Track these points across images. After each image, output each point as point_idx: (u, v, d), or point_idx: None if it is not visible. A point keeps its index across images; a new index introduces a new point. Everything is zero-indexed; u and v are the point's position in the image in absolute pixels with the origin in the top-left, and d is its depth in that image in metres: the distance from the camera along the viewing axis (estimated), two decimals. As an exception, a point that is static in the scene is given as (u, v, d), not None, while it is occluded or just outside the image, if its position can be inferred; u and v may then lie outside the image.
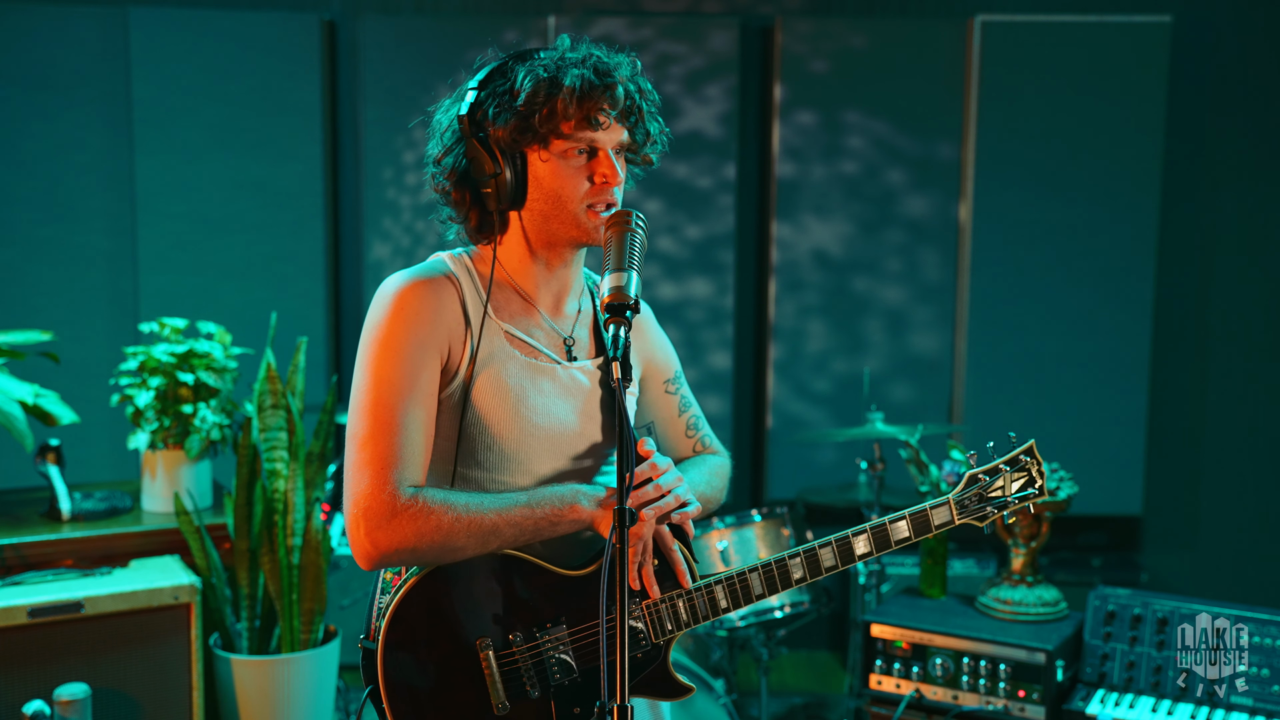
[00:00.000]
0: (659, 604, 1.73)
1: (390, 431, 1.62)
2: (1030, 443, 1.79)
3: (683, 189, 4.63)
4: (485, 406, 1.70)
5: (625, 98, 1.71)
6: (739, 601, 1.75)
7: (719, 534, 3.34)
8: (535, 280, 1.79)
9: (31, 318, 4.23)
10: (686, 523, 1.77)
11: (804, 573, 1.75)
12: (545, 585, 1.72)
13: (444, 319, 1.69)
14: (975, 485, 1.77)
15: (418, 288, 1.69)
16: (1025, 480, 1.77)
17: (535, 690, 1.69)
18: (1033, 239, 4.55)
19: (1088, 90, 4.50)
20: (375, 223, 4.60)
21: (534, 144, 1.69)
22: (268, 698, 3.20)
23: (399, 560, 1.63)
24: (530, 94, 1.65)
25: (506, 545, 1.68)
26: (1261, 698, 2.54)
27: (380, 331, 1.66)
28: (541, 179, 1.71)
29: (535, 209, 1.73)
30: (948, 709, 2.75)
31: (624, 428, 1.50)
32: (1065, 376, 4.57)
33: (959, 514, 1.76)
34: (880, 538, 1.75)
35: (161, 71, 4.45)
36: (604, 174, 1.70)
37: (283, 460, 3.23)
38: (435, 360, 1.68)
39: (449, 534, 1.62)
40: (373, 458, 1.62)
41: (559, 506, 1.68)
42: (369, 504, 1.60)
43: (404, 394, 1.64)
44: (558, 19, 4.53)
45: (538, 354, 1.76)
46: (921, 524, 1.75)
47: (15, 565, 3.03)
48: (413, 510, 1.60)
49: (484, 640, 1.69)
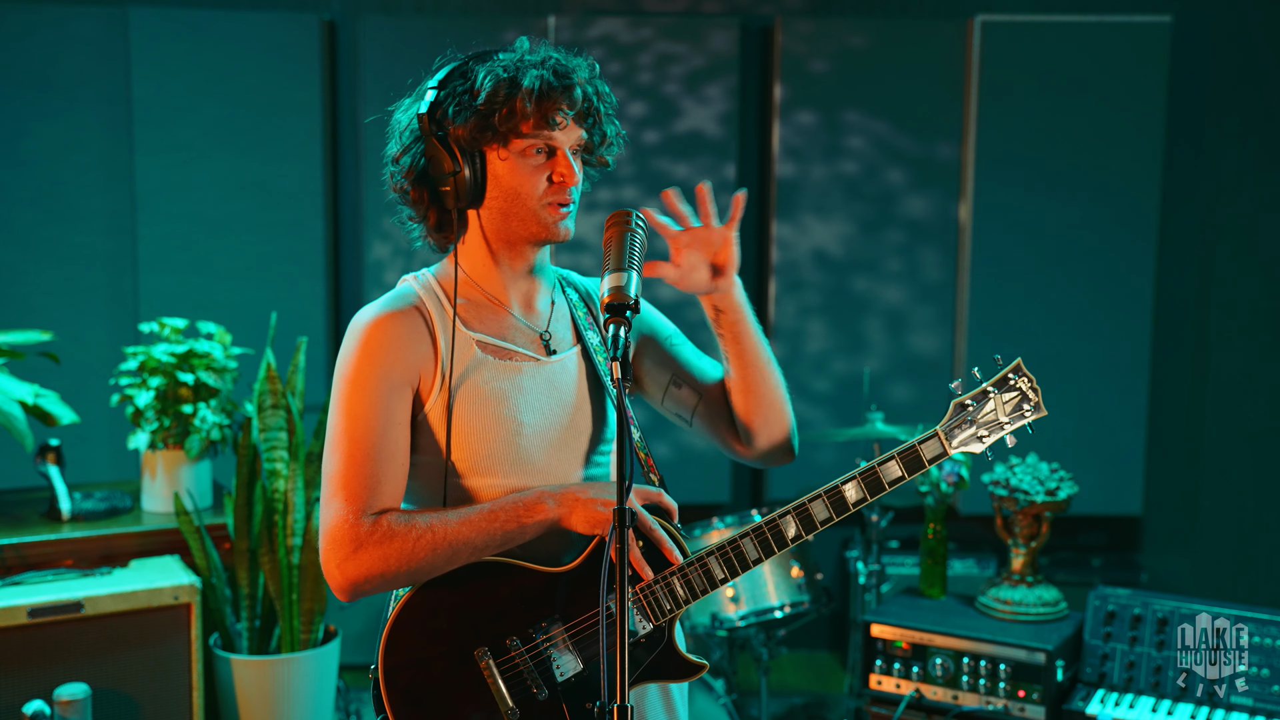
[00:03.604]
0: (653, 585, 1.71)
1: (359, 463, 1.65)
2: (1017, 360, 1.76)
3: (682, 189, 4.61)
4: (469, 416, 1.71)
5: (583, 99, 1.73)
6: (735, 569, 1.72)
7: (719, 534, 3.34)
8: (501, 282, 1.80)
9: (31, 318, 4.23)
10: (664, 499, 1.75)
11: (798, 529, 1.71)
12: (534, 586, 1.71)
13: (411, 349, 1.71)
14: (963, 412, 1.75)
15: (383, 323, 1.72)
16: (1018, 398, 1.74)
17: (542, 691, 1.69)
18: (1033, 239, 4.55)
19: (1088, 90, 4.49)
20: (375, 223, 4.60)
21: (493, 143, 1.70)
22: (268, 698, 3.20)
23: (374, 587, 1.64)
24: (490, 93, 1.67)
25: (478, 555, 1.68)
26: (1261, 698, 2.54)
27: (349, 368, 1.71)
28: (500, 177, 1.72)
29: (494, 206, 1.74)
30: (948, 709, 2.76)
31: (624, 427, 1.50)
32: (1065, 376, 4.57)
33: (951, 444, 1.74)
34: (871, 482, 1.71)
35: (161, 71, 4.45)
36: (562, 173, 1.72)
37: (283, 460, 3.23)
38: (405, 391, 1.70)
39: (414, 553, 1.63)
40: (341, 488, 1.65)
41: (521, 508, 1.68)
42: (336, 535, 1.63)
43: (373, 426, 1.67)
44: (558, 19, 4.53)
45: (514, 354, 1.76)
46: (913, 461, 1.72)
47: (15, 565, 3.03)
48: (376, 536, 1.62)
49: (481, 650, 1.69)
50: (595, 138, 1.79)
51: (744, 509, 3.93)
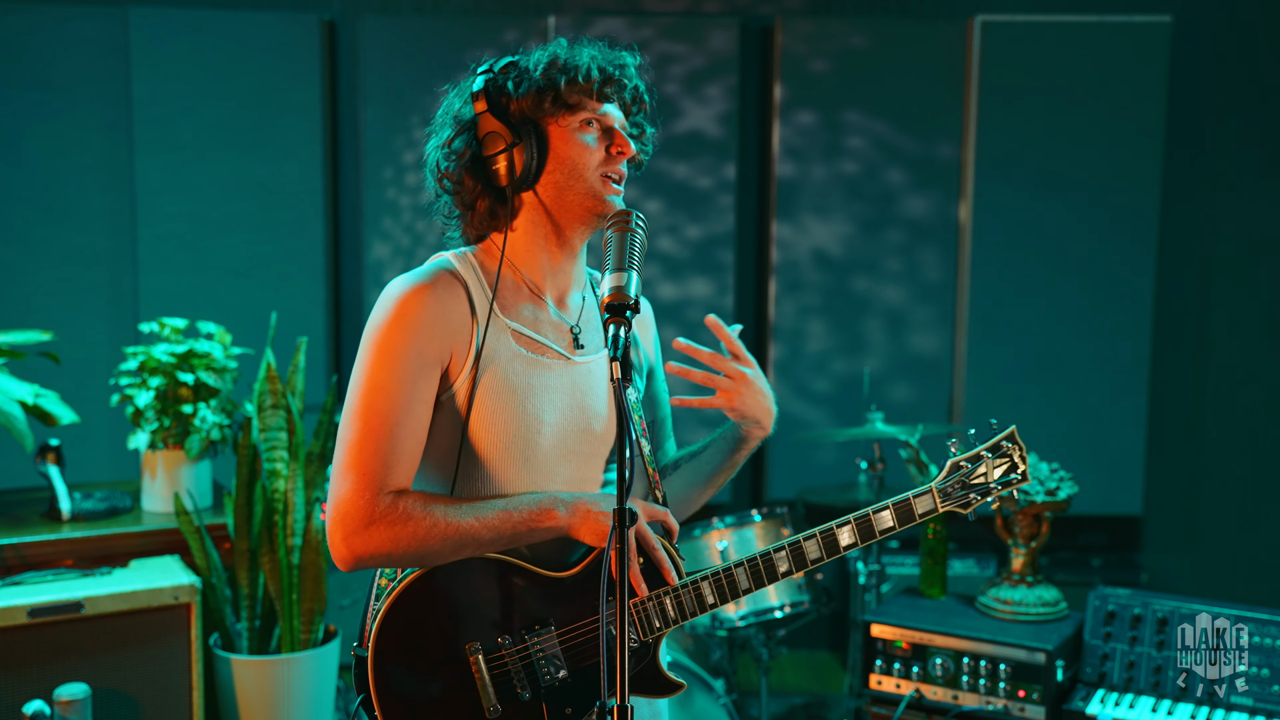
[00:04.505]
0: (646, 602, 1.73)
1: (378, 438, 1.64)
2: (1011, 429, 1.79)
3: (683, 189, 4.63)
4: (492, 406, 1.70)
5: (633, 83, 1.79)
6: (725, 597, 1.74)
7: (719, 534, 3.34)
8: (542, 271, 1.80)
9: (31, 318, 4.23)
10: (669, 520, 1.77)
11: (789, 565, 1.74)
12: (533, 588, 1.72)
13: (447, 324, 1.69)
14: (958, 473, 1.76)
15: (420, 292, 1.69)
16: (1008, 466, 1.76)
17: (526, 692, 1.70)
18: (1033, 239, 4.55)
19: (1088, 90, 4.50)
20: (375, 223, 4.60)
21: (553, 113, 1.73)
22: (268, 698, 3.20)
23: (375, 563, 1.65)
24: (549, 64, 1.73)
25: (484, 550, 1.68)
26: (1261, 698, 2.54)
27: (379, 336, 1.67)
28: (558, 149, 1.74)
29: (550, 181, 1.75)
30: (948, 709, 2.75)
31: (624, 427, 1.50)
32: (1065, 376, 4.57)
33: (942, 501, 1.75)
34: (864, 528, 1.74)
35: (161, 71, 4.45)
36: (619, 145, 1.75)
37: (283, 460, 3.23)
38: (434, 368, 1.68)
39: (424, 540, 1.63)
40: (357, 463, 1.63)
41: (535, 511, 1.68)
42: (348, 509, 1.62)
43: (397, 402, 1.65)
44: (558, 19, 4.53)
45: (545, 349, 1.76)
46: (905, 513, 1.74)
47: (15, 565, 3.03)
48: (390, 517, 1.62)
49: (473, 644, 1.69)
50: (636, 129, 1.83)
51: (744, 509, 3.93)
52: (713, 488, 1.97)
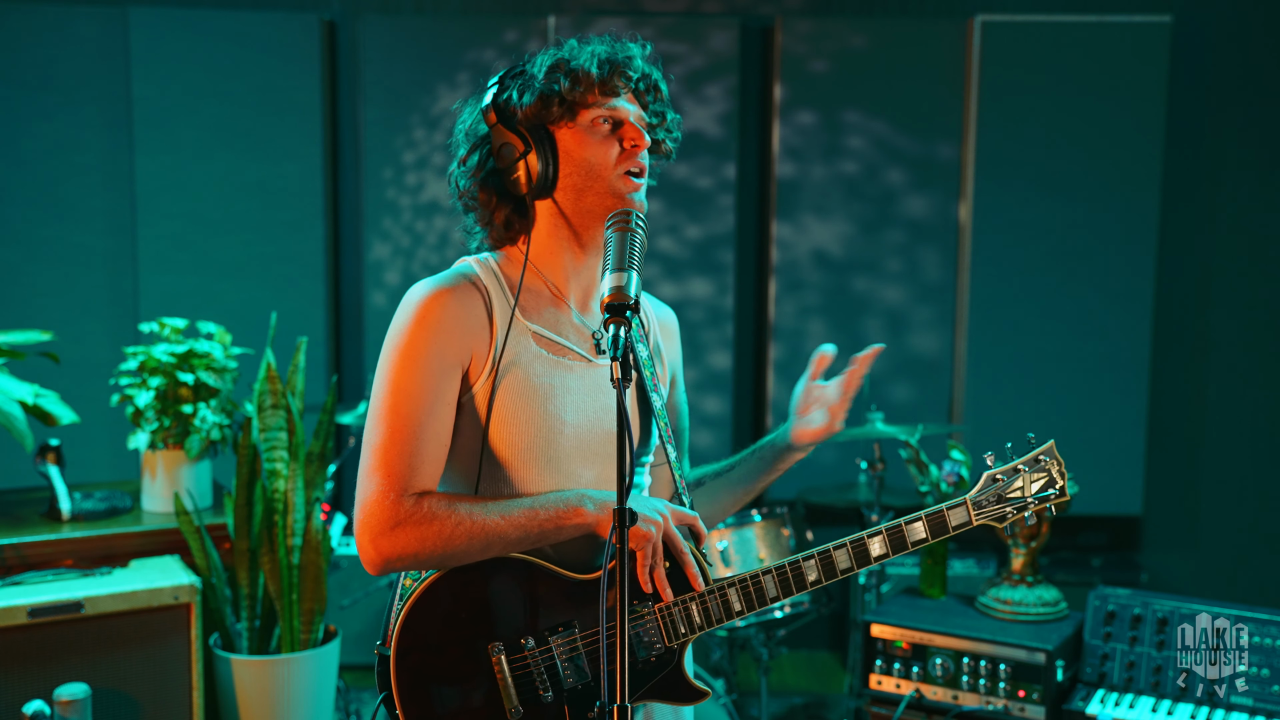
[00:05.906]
0: (671, 607, 1.72)
1: (403, 440, 1.64)
2: (1050, 443, 1.77)
3: (683, 189, 4.62)
4: (513, 407, 1.71)
5: (641, 74, 1.78)
6: (753, 604, 1.74)
7: (719, 534, 3.34)
8: (565, 273, 1.80)
9: (31, 318, 4.23)
10: (698, 524, 1.77)
11: (819, 574, 1.73)
12: (556, 589, 1.71)
13: (467, 326, 1.70)
14: (994, 486, 1.75)
15: (441, 296, 1.70)
16: (1045, 481, 1.75)
17: (549, 694, 1.69)
18: (1033, 239, 4.55)
19: (1088, 90, 4.50)
20: (375, 223, 4.60)
21: (560, 118, 1.73)
22: (268, 698, 3.20)
23: (404, 566, 1.65)
24: (551, 68, 1.72)
25: (511, 549, 1.68)
26: (1261, 698, 2.54)
27: (402, 340, 1.68)
28: (571, 152, 1.73)
29: (568, 185, 1.74)
30: (948, 709, 2.75)
31: (624, 427, 1.50)
32: (1065, 376, 4.57)
33: (976, 515, 1.74)
34: (896, 540, 1.73)
35: (161, 71, 4.45)
36: (632, 138, 1.74)
37: (283, 460, 3.23)
38: (455, 370, 1.69)
39: (450, 539, 1.63)
40: (382, 465, 1.64)
41: (562, 509, 1.67)
42: (374, 511, 1.63)
43: (420, 404, 1.65)
44: (558, 19, 4.53)
45: (567, 352, 1.76)
46: (938, 525, 1.73)
47: (15, 565, 3.03)
48: (416, 517, 1.62)
49: (495, 645, 1.69)
50: (654, 117, 1.81)
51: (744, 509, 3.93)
52: (737, 506, 1.98)
